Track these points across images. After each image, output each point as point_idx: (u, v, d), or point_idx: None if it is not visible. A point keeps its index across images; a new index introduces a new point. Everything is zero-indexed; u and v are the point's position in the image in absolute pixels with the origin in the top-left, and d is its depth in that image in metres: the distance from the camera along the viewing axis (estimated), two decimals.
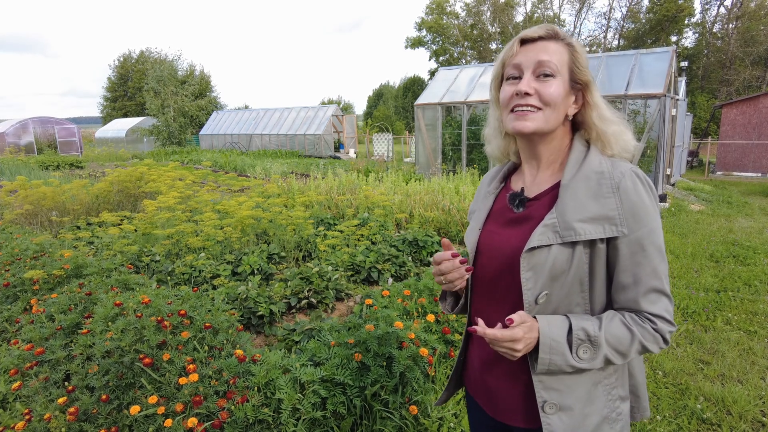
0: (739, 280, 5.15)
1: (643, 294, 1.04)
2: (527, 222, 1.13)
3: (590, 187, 1.06)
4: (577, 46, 1.11)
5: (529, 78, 1.08)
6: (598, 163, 1.08)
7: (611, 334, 1.03)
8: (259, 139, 26.22)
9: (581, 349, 1.03)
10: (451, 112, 13.05)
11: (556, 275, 1.05)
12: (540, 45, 1.09)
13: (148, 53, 45.39)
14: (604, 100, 1.14)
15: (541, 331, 1.03)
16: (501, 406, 1.20)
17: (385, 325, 2.54)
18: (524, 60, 1.09)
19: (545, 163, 1.17)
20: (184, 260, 4.45)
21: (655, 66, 10.37)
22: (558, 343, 1.03)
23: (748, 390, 3.10)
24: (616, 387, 1.13)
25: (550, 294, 1.07)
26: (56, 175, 12.76)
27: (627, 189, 1.03)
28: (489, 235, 1.21)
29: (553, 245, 1.05)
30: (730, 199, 10.65)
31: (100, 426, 2.15)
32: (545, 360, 1.04)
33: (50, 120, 27.04)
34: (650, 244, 1.04)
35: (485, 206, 1.28)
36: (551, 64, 1.07)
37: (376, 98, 54.16)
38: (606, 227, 1.03)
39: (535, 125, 1.09)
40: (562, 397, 1.09)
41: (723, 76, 32.55)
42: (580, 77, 1.11)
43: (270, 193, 7.71)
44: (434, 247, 5.22)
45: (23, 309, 3.48)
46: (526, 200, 1.16)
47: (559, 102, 1.09)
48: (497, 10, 40.90)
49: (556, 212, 1.06)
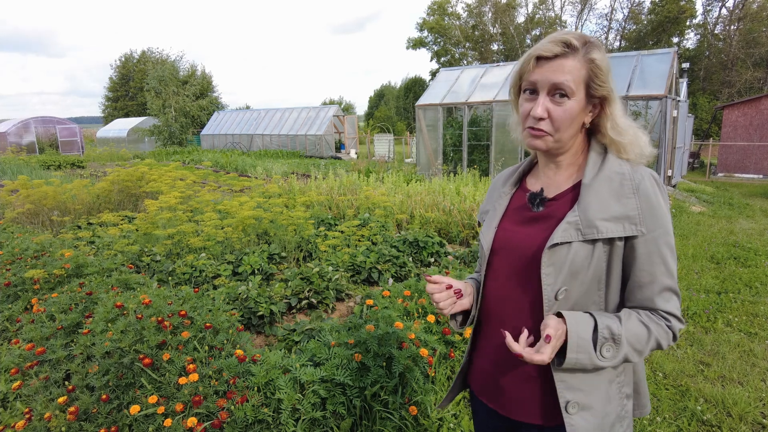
0: (740, 282, 5.15)
1: (659, 292, 1.07)
2: (547, 220, 1.15)
3: (612, 187, 1.08)
4: (598, 60, 1.08)
5: (543, 100, 1.08)
6: (618, 165, 1.11)
7: (631, 332, 1.04)
8: (260, 139, 26.24)
9: (605, 347, 1.04)
10: (452, 112, 13.05)
11: (576, 272, 1.07)
12: (556, 64, 1.07)
13: (150, 53, 45.47)
14: (621, 110, 1.13)
15: (570, 329, 1.03)
16: (516, 405, 1.20)
17: (385, 326, 2.54)
18: (540, 79, 1.08)
19: (564, 167, 1.19)
20: (185, 260, 4.46)
21: (657, 67, 10.38)
22: (585, 341, 1.03)
23: (749, 392, 3.09)
24: (624, 385, 1.15)
25: (569, 290, 1.08)
26: (57, 175, 12.79)
27: (647, 190, 1.06)
28: (506, 234, 1.22)
29: (574, 242, 1.06)
30: (732, 201, 10.64)
31: (100, 425, 2.15)
32: (572, 359, 1.03)
33: (52, 120, 27.08)
34: (665, 244, 1.07)
35: (500, 206, 1.28)
36: (566, 86, 1.06)
37: (377, 99, 54.21)
38: (626, 226, 1.05)
39: (547, 146, 1.12)
40: (584, 396, 1.09)
41: (724, 78, 32.52)
42: (598, 93, 1.10)
43: (271, 193, 7.72)
44: (435, 247, 5.22)
45: (24, 308, 3.48)
46: (546, 200, 1.18)
47: (571, 123, 1.10)
48: (498, 11, 40.90)
49: (578, 210, 1.08)
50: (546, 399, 1.15)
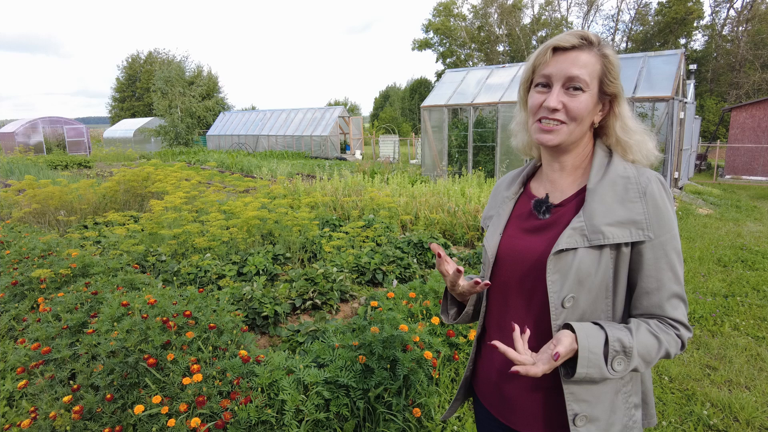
0: (747, 285, 5.10)
1: (667, 299, 1.05)
2: (553, 228, 1.12)
3: (617, 191, 1.06)
4: (611, 56, 1.08)
5: (558, 92, 1.06)
6: (623, 168, 1.09)
7: (641, 344, 1.02)
8: (265, 140, 26.31)
9: (616, 360, 1.01)
10: (457, 114, 13.03)
11: (582, 279, 1.05)
12: (572, 56, 1.06)
13: (156, 54, 45.75)
14: (629, 111, 1.13)
15: (580, 344, 0.99)
16: (520, 416, 1.18)
17: (390, 328, 2.54)
18: (555, 72, 1.07)
19: (569, 169, 1.16)
20: (190, 260, 4.47)
21: (664, 69, 10.31)
22: (596, 356, 1.00)
23: (756, 396, 3.06)
24: (632, 395, 1.13)
25: (577, 298, 1.06)
26: (64, 175, 12.87)
27: (653, 194, 1.04)
28: (510, 241, 1.19)
29: (579, 248, 1.04)
30: (739, 203, 10.56)
31: (105, 425, 2.16)
32: (582, 374, 1.00)
33: (59, 120, 27.29)
34: (672, 249, 1.05)
35: (504, 211, 1.26)
36: (581, 79, 1.05)
37: (382, 100, 54.22)
38: (633, 231, 1.03)
39: (559, 139, 1.09)
40: (591, 408, 1.07)
41: (732, 79, 32.30)
42: (609, 90, 1.09)
43: (276, 194, 7.73)
44: None
45: (30, 307, 3.51)
46: (551, 207, 1.16)
47: (585, 116, 1.08)
48: (504, 13, 40.83)
49: (583, 216, 1.06)
50: (550, 410, 1.12)
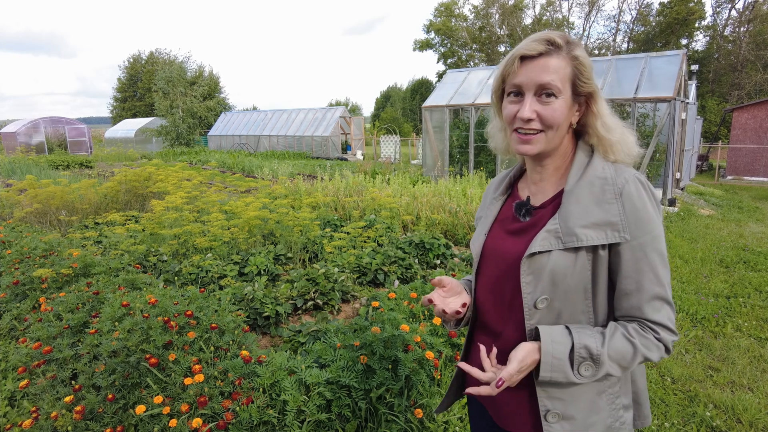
0: (749, 286, 5.09)
1: (647, 301, 1.03)
2: (532, 230, 1.13)
3: (594, 192, 1.05)
4: (581, 57, 1.06)
5: (530, 101, 1.05)
6: (601, 168, 1.07)
7: (614, 350, 1.02)
8: (267, 140, 26.33)
9: (583, 366, 1.02)
10: (458, 114, 13.03)
11: (557, 281, 1.04)
12: (541, 63, 1.04)
13: (158, 54, 45.77)
14: (607, 107, 1.12)
15: (544, 349, 1.02)
16: (505, 414, 1.20)
17: (391, 328, 2.53)
18: (525, 81, 1.05)
19: (550, 171, 1.16)
20: (191, 260, 4.47)
21: (665, 69, 10.29)
22: (560, 361, 1.02)
23: (759, 398, 3.05)
24: (619, 396, 1.12)
25: (551, 300, 1.06)
26: (66, 175, 12.88)
27: (630, 195, 1.02)
28: (494, 242, 1.21)
29: (554, 251, 1.04)
30: (741, 204, 10.54)
31: (106, 425, 2.16)
32: (546, 377, 1.04)
33: (61, 120, 27.33)
34: (653, 250, 1.03)
35: (491, 213, 1.27)
36: (553, 85, 1.03)
37: (383, 100, 54.23)
38: (608, 233, 1.02)
39: (538, 148, 1.08)
40: (565, 406, 1.08)
41: (734, 80, 32.24)
42: (584, 90, 1.08)
43: (277, 194, 7.73)
44: (441, 249, 5.20)
45: (32, 307, 3.51)
46: (532, 209, 1.16)
47: (561, 121, 1.07)
48: (506, 13, 40.82)
49: (558, 218, 1.06)
50: (534, 409, 1.13)
